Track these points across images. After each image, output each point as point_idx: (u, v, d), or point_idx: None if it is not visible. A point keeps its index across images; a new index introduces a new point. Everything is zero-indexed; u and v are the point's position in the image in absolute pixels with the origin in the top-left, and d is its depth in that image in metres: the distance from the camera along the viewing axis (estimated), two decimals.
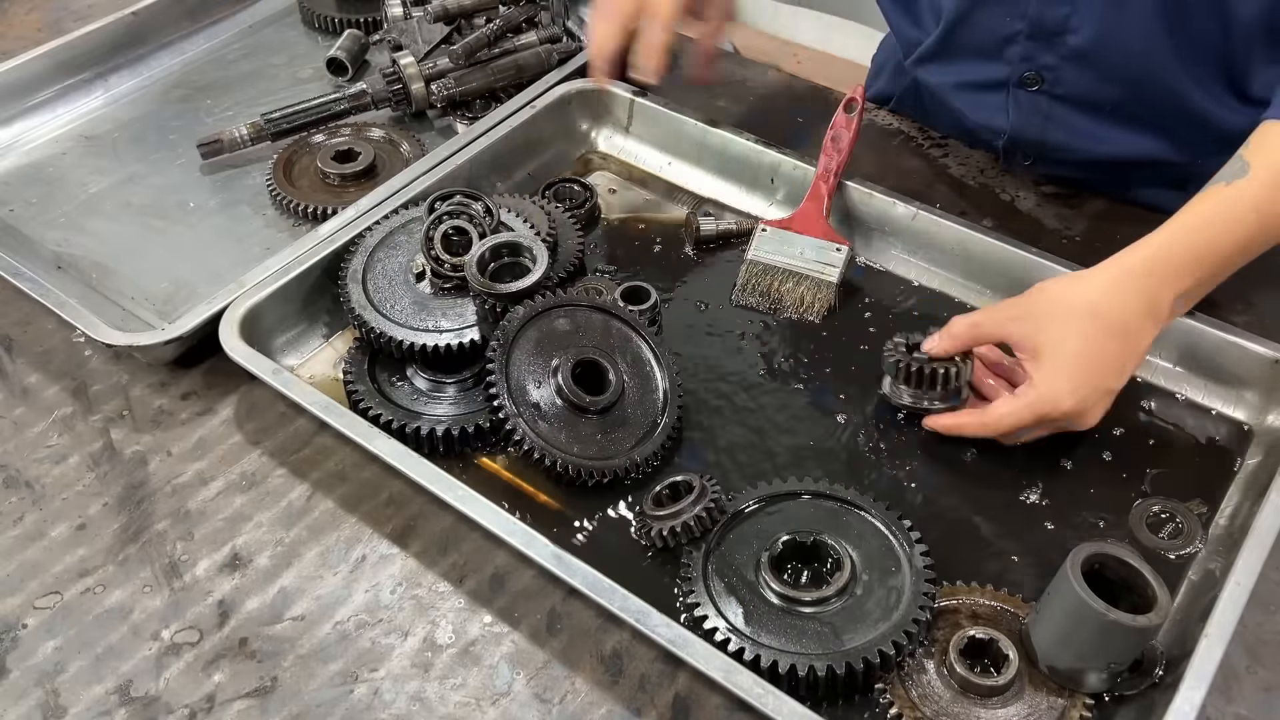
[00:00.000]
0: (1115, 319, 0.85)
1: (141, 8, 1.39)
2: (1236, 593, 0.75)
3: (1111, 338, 0.85)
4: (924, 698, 0.75)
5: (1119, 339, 0.85)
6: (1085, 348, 0.85)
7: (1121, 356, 0.86)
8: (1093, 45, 1.03)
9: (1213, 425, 0.94)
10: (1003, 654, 0.75)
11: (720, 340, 1.03)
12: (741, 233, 1.12)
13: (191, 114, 1.32)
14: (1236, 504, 0.87)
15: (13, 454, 0.93)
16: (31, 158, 1.26)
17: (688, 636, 0.74)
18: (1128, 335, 0.86)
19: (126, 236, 1.15)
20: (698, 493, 0.83)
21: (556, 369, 0.90)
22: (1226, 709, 0.75)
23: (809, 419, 0.95)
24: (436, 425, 0.90)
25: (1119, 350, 0.86)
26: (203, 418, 0.96)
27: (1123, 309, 0.85)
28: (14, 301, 1.05)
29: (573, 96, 1.23)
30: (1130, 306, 0.85)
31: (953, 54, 1.15)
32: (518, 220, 1.03)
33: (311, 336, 1.02)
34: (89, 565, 0.85)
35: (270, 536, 0.87)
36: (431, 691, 0.77)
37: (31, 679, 0.78)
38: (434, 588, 0.83)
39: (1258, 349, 0.94)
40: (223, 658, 0.79)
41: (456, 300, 0.97)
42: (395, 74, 1.26)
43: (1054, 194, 1.17)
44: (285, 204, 1.16)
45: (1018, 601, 0.80)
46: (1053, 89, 1.09)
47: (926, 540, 0.82)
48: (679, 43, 1.44)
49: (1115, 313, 0.85)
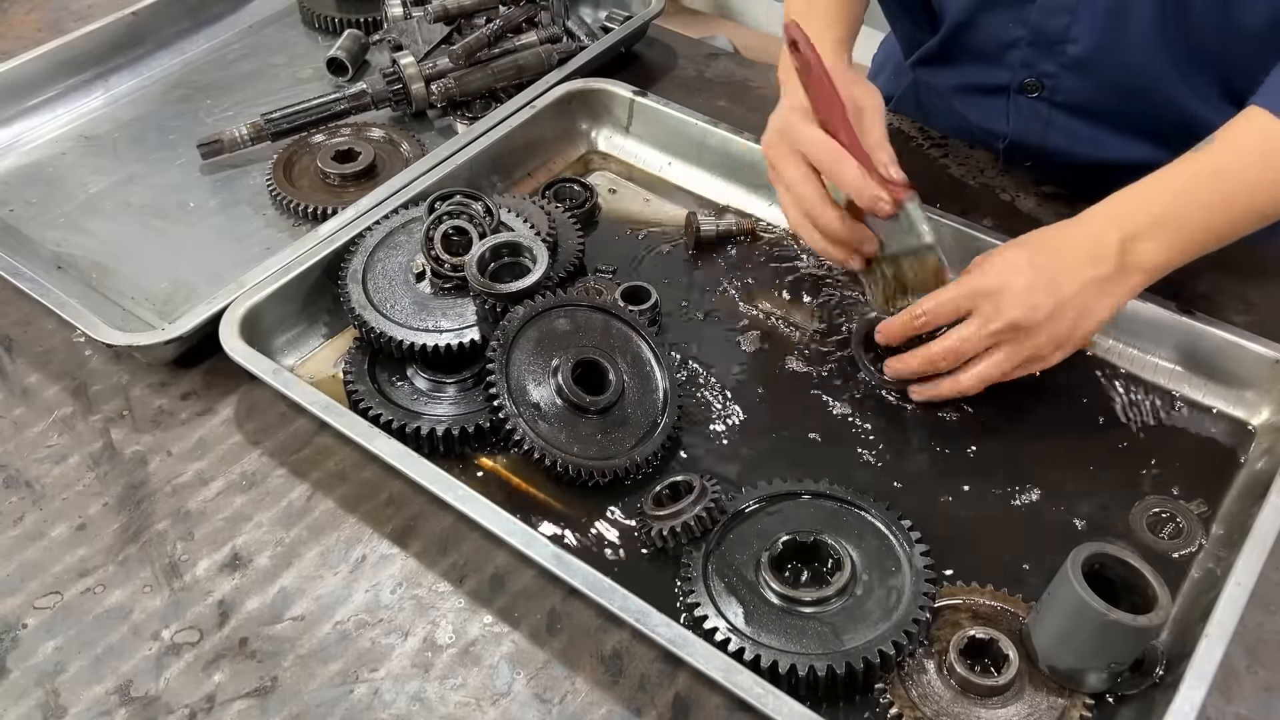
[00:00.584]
0: (1055, 240, 0.88)
1: (141, 8, 1.39)
2: (1236, 593, 0.75)
3: (1048, 251, 0.88)
4: (924, 698, 0.75)
5: (1057, 254, 0.87)
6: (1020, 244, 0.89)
7: (1059, 269, 0.86)
8: (1092, 54, 1.03)
9: (1213, 425, 0.94)
10: (1003, 654, 0.75)
11: (720, 340, 1.03)
12: (742, 232, 1.12)
13: (191, 114, 1.32)
14: (1236, 504, 0.87)
15: (13, 454, 0.93)
16: (31, 158, 1.26)
17: (688, 636, 0.74)
18: (1066, 253, 0.87)
19: (126, 236, 1.15)
20: (698, 493, 0.83)
21: (556, 369, 0.90)
22: (1226, 709, 0.75)
23: (810, 419, 0.95)
24: (436, 425, 0.90)
25: (1056, 264, 0.87)
26: (203, 418, 0.96)
27: (1065, 233, 0.88)
28: (14, 301, 1.05)
29: (573, 96, 1.23)
30: (1073, 232, 0.88)
31: (954, 57, 1.15)
32: (518, 220, 1.03)
33: (311, 336, 1.02)
34: (89, 565, 0.85)
35: (270, 536, 0.87)
36: (431, 691, 0.77)
37: (31, 679, 0.78)
38: (434, 588, 0.83)
39: (1258, 349, 0.94)
40: (223, 658, 0.79)
41: (456, 300, 0.97)
42: (395, 74, 1.26)
43: (1054, 194, 1.17)
44: (285, 204, 1.16)
45: (1018, 601, 0.80)
46: (1052, 96, 1.09)
47: (926, 540, 0.82)
48: (679, 42, 1.44)
49: (1056, 236, 0.89)
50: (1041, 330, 0.86)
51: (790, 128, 0.94)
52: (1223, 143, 0.88)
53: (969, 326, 0.88)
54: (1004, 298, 0.86)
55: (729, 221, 1.13)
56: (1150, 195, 0.88)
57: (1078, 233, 0.88)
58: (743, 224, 1.13)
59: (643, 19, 1.36)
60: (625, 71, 1.36)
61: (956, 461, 0.92)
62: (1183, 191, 0.88)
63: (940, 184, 1.18)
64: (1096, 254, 0.87)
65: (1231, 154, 0.88)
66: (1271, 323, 0.98)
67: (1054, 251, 0.88)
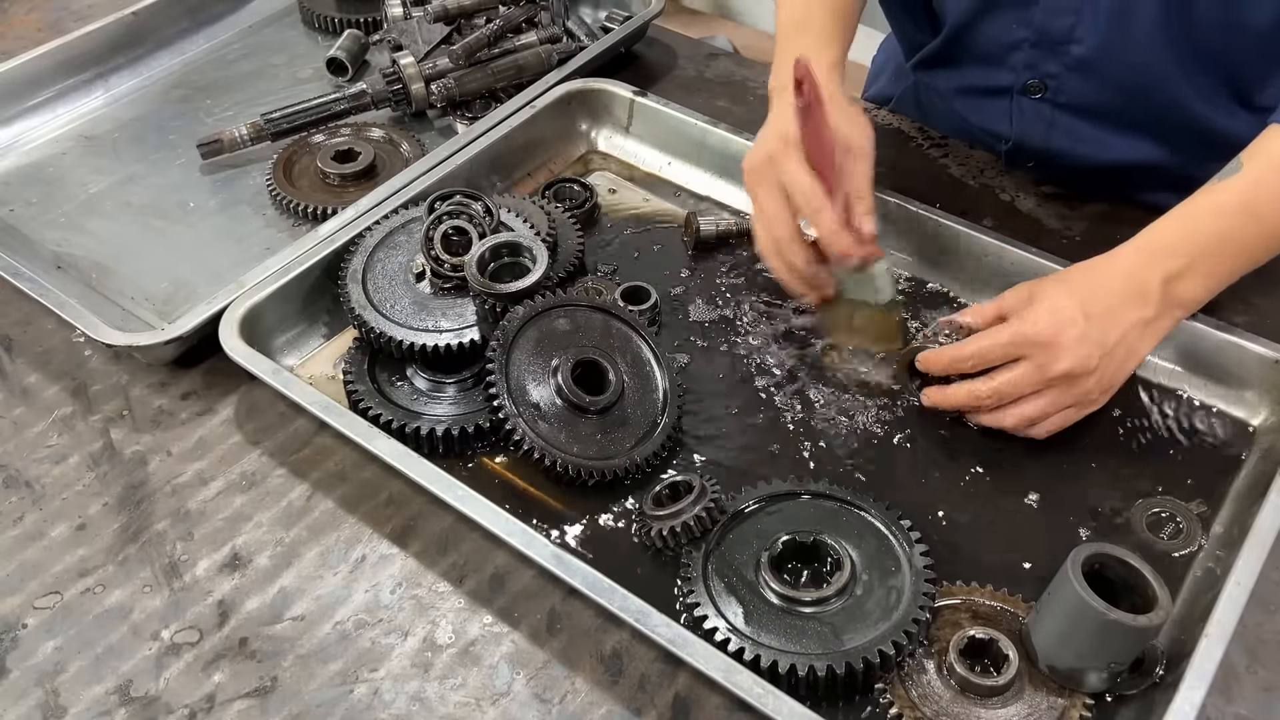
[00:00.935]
0: (1101, 283, 0.88)
1: (141, 8, 1.39)
2: (1236, 593, 0.75)
3: (1097, 298, 0.87)
4: (924, 698, 0.75)
5: (1104, 300, 0.87)
6: (1069, 291, 0.87)
7: (1107, 316, 0.87)
8: (1096, 55, 1.03)
9: (1213, 425, 0.94)
10: (1003, 654, 0.75)
11: (720, 340, 1.03)
12: (742, 232, 1.12)
13: (191, 114, 1.33)
14: (1236, 504, 0.87)
15: (13, 454, 0.93)
16: (31, 158, 1.26)
17: (688, 636, 0.74)
18: (1113, 299, 0.87)
19: (126, 236, 1.15)
20: (697, 493, 0.83)
21: (556, 369, 0.90)
22: (1226, 709, 0.75)
23: (810, 418, 0.95)
24: (436, 425, 0.90)
25: (1104, 311, 0.87)
26: (203, 418, 0.96)
27: (1109, 275, 0.88)
28: (14, 301, 1.05)
29: (573, 96, 1.23)
30: (1116, 273, 0.88)
31: (957, 59, 1.15)
32: (518, 220, 1.03)
33: (311, 336, 1.02)
34: (89, 565, 0.85)
35: (270, 536, 0.87)
36: (431, 691, 0.77)
37: (31, 679, 0.78)
38: (434, 588, 0.83)
39: (1258, 349, 0.94)
40: (223, 658, 0.79)
41: (456, 300, 0.97)
42: (395, 74, 1.26)
43: (1054, 194, 1.17)
44: (285, 204, 1.16)
45: (1017, 601, 0.80)
46: (1056, 97, 1.09)
47: (926, 540, 0.82)
48: (679, 42, 1.44)
49: (1101, 279, 0.88)
50: (1091, 378, 0.87)
51: (777, 159, 0.95)
52: (1250, 169, 0.88)
53: (1021, 373, 0.87)
54: (1057, 350, 0.86)
55: (729, 221, 1.13)
56: (1187, 230, 0.88)
57: (1120, 271, 0.88)
58: (743, 224, 1.13)
59: (643, 19, 1.36)
60: (625, 71, 1.36)
61: (956, 461, 0.92)
62: (1218, 225, 0.88)
63: (940, 184, 1.18)
64: (1142, 296, 0.87)
65: (1261, 182, 0.88)
66: (1271, 323, 0.98)
67: (1102, 298, 0.87)
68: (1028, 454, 0.91)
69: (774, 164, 0.96)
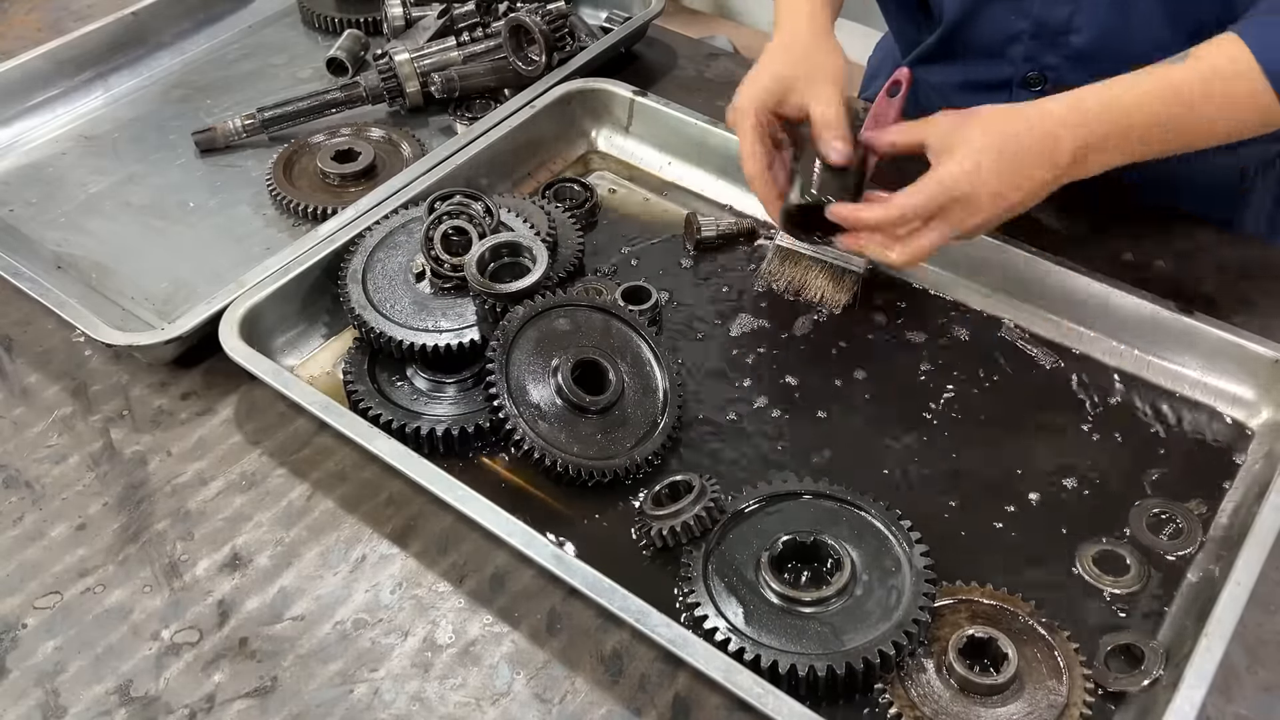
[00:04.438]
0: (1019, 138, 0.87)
1: (141, 8, 1.39)
2: (1236, 593, 0.75)
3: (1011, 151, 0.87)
4: (924, 698, 0.75)
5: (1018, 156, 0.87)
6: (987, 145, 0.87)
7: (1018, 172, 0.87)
8: (1095, 45, 1.03)
9: (1213, 425, 0.94)
10: (1002, 653, 0.75)
11: (720, 339, 1.03)
12: (741, 233, 1.12)
13: (191, 114, 1.32)
14: (1236, 504, 0.87)
15: (13, 454, 0.93)
16: (31, 158, 1.26)
17: (688, 636, 0.74)
18: (1027, 155, 0.87)
19: (126, 236, 1.15)
20: (697, 492, 0.83)
21: (556, 369, 0.90)
22: (1226, 709, 0.75)
23: (810, 418, 0.95)
24: (436, 425, 0.90)
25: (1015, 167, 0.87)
26: (203, 418, 0.96)
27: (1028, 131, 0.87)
28: (14, 301, 1.05)
29: (573, 96, 1.23)
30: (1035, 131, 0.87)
31: (954, 54, 1.15)
32: (518, 220, 1.03)
33: (311, 336, 1.02)
34: (89, 565, 0.85)
35: (270, 536, 0.87)
36: (431, 691, 0.77)
37: (31, 679, 0.78)
38: (434, 588, 0.83)
39: (1258, 349, 0.94)
40: (223, 658, 0.79)
41: (456, 300, 0.97)
42: (390, 69, 1.26)
43: (1054, 193, 1.16)
44: (285, 204, 1.16)
45: (1017, 600, 0.80)
46: (1055, 89, 1.08)
47: (927, 540, 0.82)
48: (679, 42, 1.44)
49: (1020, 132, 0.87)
50: (988, 224, 0.90)
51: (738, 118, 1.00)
52: (1191, 63, 0.87)
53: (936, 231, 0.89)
54: (973, 207, 0.87)
55: (729, 221, 1.13)
56: (1110, 104, 0.88)
57: (1040, 130, 0.88)
58: (743, 224, 1.13)
59: (643, 19, 1.36)
60: (625, 71, 1.36)
61: (957, 462, 0.92)
62: (1142, 106, 0.87)
63: None
64: (1053, 159, 0.87)
65: (1196, 76, 0.87)
66: (1271, 323, 0.98)
67: (1014, 153, 0.87)
68: (1027, 454, 0.91)
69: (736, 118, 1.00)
